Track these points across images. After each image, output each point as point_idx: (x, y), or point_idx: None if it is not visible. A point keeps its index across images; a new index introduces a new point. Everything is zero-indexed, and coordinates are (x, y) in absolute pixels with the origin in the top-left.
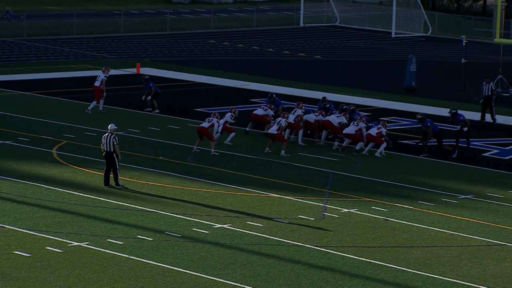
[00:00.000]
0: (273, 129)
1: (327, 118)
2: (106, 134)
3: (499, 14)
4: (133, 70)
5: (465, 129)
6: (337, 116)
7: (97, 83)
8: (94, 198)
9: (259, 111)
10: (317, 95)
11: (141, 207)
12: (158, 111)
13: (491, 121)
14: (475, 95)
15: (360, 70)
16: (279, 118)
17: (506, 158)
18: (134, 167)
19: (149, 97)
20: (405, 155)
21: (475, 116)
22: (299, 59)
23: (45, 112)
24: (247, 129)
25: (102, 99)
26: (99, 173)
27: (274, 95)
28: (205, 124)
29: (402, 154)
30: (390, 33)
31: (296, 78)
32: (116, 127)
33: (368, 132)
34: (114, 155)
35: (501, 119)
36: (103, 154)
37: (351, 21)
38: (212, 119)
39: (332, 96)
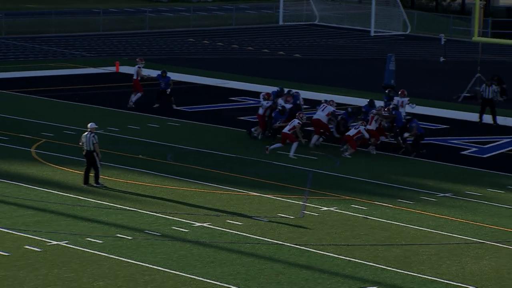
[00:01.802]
0: (286, 129)
1: (316, 116)
2: (86, 133)
3: (478, 12)
4: (112, 69)
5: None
6: (323, 110)
7: (134, 76)
8: (73, 197)
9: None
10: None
11: (120, 206)
12: (158, 105)
13: (481, 120)
14: (453, 93)
15: (339, 69)
16: (294, 119)
17: (485, 156)
18: (113, 165)
19: (169, 90)
20: (384, 153)
21: (455, 114)
22: (279, 57)
23: (23, 111)
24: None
25: (140, 92)
26: (78, 172)
27: (294, 92)
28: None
29: (381, 152)
30: (369, 31)
31: (275, 76)
32: (96, 126)
33: (347, 133)
34: (95, 154)
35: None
36: (83, 153)
37: (330, 19)
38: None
39: (311, 95)
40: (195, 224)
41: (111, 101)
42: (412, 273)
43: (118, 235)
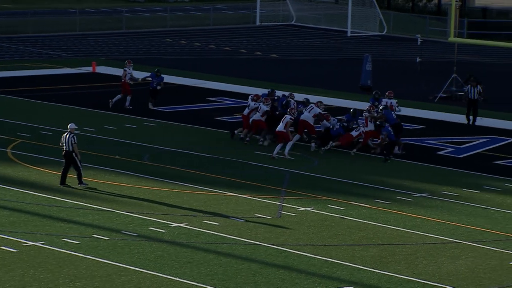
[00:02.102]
0: (280, 127)
1: (302, 117)
2: (66, 133)
3: (454, 13)
4: (89, 69)
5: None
6: (309, 111)
7: (122, 79)
8: (49, 198)
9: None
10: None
11: (97, 206)
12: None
13: (469, 122)
14: (430, 93)
15: (316, 69)
16: (286, 116)
17: (461, 156)
18: (90, 166)
19: (159, 88)
20: (362, 154)
21: (431, 115)
22: (256, 57)
23: None
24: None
25: (129, 95)
26: (55, 173)
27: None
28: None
29: (358, 153)
30: (346, 32)
31: (252, 76)
32: (75, 127)
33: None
34: (74, 154)
35: (455, 117)
36: (63, 153)
37: (307, 20)
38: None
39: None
40: (172, 224)
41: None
42: (389, 273)
43: (95, 235)
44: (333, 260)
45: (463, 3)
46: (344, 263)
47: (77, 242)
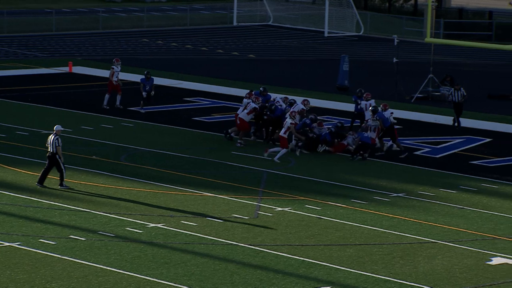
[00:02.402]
0: (282, 132)
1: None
2: (51, 134)
3: (430, 13)
4: (65, 69)
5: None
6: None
7: (110, 78)
8: (25, 198)
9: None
10: None
11: (73, 207)
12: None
13: (454, 124)
14: (406, 93)
15: (293, 69)
16: (287, 120)
17: (438, 156)
18: (67, 166)
19: (152, 93)
20: (339, 154)
21: (407, 115)
22: (233, 58)
23: None
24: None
25: (119, 94)
26: (31, 173)
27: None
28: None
29: (337, 153)
30: (323, 32)
31: (229, 77)
32: (61, 128)
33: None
34: (57, 156)
35: (431, 117)
36: (47, 154)
37: (284, 20)
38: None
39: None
40: (149, 225)
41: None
42: (366, 273)
43: (72, 236)
44: (310, 260)
45: (440, 4)
46: (321, 263)
47: (53, 243)
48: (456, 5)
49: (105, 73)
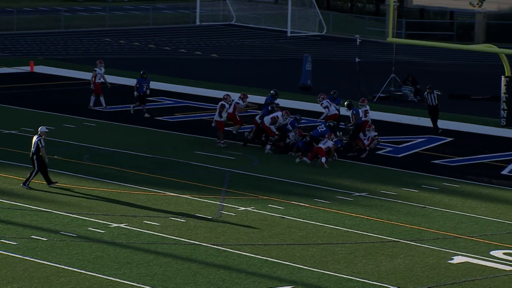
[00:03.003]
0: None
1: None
2: (35, 136)
3: (392, 14)
4: (26, 69)
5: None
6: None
7: (96, 79)
8: None
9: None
10: (214, 93)
11: (35, 207)
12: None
13: (435, 129)
14: (369, 93)
15: (256, 69)
16: (327, 140)
17: (400, 155)
18: (28, 166)
19: (148, 91)
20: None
21: (370, 115)
22: (196, 57)
23: None
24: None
25: (100, 95)
26: None
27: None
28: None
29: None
30: (286, 32)
31: (192, 76)
32: (46, 130)
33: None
34: (35, 157)
35: (394, 117)
36: (30, 155)
37: (247, 20)
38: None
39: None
40: (111, 225)
41: (26, 101)
42: (328, 272)
43: (33, 236)
44: (273, 260)
45: (401, 4)
46: (284, 262)
47: (14, 243)
48: (417, 5)
49: (67, 73)
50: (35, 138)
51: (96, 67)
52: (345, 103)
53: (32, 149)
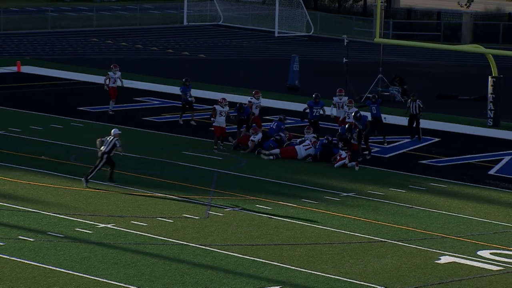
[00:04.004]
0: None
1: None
2: (111, 136)
3: (379, 14)
4: (13, 69)
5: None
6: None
7: (110, 84)
8: None
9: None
10: (202, 94)
11: (22, 208)
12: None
13: (413, 137)
14: (356, 94)
15: (244, 69)
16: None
17: (387, 156)
18: (15, 166)
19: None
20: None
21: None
22: (183, 57)
23: None
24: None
25: (112, 99)
26: None
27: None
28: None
29: None
30: (273, 32)
31: (180, 77)
32: (120, 132)
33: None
34: (105, 156)
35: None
36: (99, 152)
37: (235, 20)
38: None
39: (217, 95)
40: (99, 225)
41: (12, 101)
42: (316, 272)
43: (20, 237)
44: (261, 260)
45: (389, 4)
46: (271, 262)
47: (1, 244)
48: (405, 6)
49: (54, 73)
50: (109, 138)
51: (110, 71)
52: (353, 114)
53: (104, 148)
